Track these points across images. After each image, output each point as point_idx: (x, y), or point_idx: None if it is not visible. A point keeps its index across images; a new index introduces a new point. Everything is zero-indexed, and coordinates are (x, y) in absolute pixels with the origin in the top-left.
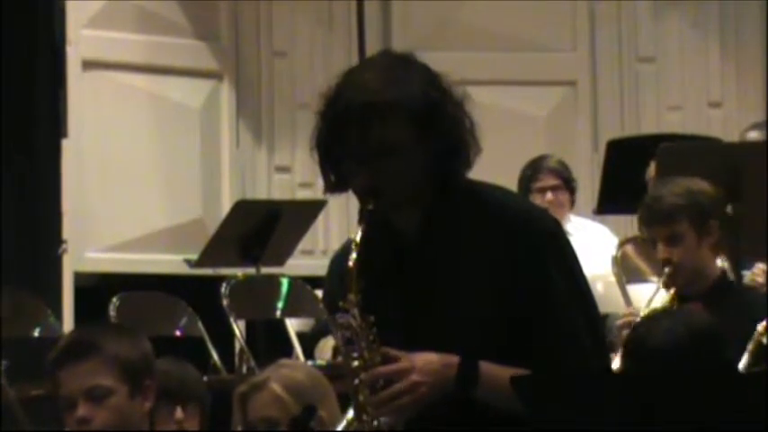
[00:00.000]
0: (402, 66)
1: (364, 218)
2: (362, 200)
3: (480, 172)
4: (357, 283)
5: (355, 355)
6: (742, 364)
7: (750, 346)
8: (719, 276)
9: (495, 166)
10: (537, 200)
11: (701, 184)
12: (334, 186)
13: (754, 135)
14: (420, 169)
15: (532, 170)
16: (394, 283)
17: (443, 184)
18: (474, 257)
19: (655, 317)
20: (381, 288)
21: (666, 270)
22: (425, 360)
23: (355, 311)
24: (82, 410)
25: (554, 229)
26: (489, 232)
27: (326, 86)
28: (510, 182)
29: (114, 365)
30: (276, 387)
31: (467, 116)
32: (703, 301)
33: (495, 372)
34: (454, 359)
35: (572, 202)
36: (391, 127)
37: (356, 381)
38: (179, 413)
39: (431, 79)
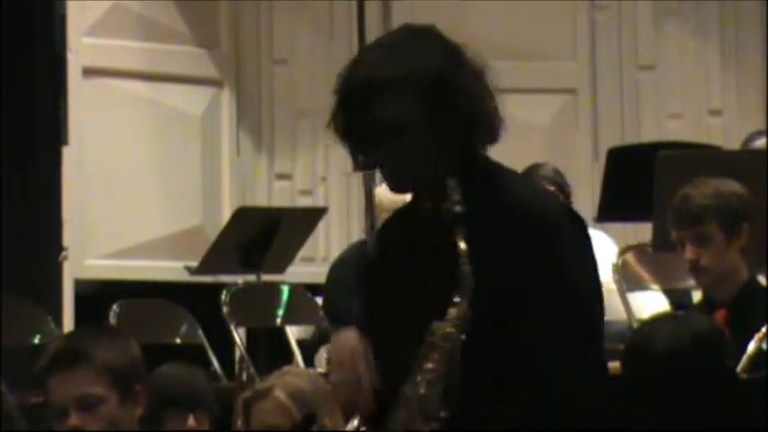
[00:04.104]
0: (414, 40)
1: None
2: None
3: None
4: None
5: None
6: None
7: (750, 352)
8: (748, 280)
9: None
10: None
11: (733, 186)
12: (362, 166)
13: (760, 143)
14: (432, 148)
15: None
16: (409, 270)
17: (461, 163)
18: (479, 247)
19: (657, 321)
20: (398, 276)
21: (692, 271)
22: None
23: None
24: (74, 419)
25: (550, 219)
26: (495, 221)
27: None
28: None
29: (105, 373)
30: (280, 395)
31: (486, 88)
32: (730, 304)
33: None
34: None
35: None
36: (394, 106)
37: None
38: (191, 421)
39: (445, 51)
